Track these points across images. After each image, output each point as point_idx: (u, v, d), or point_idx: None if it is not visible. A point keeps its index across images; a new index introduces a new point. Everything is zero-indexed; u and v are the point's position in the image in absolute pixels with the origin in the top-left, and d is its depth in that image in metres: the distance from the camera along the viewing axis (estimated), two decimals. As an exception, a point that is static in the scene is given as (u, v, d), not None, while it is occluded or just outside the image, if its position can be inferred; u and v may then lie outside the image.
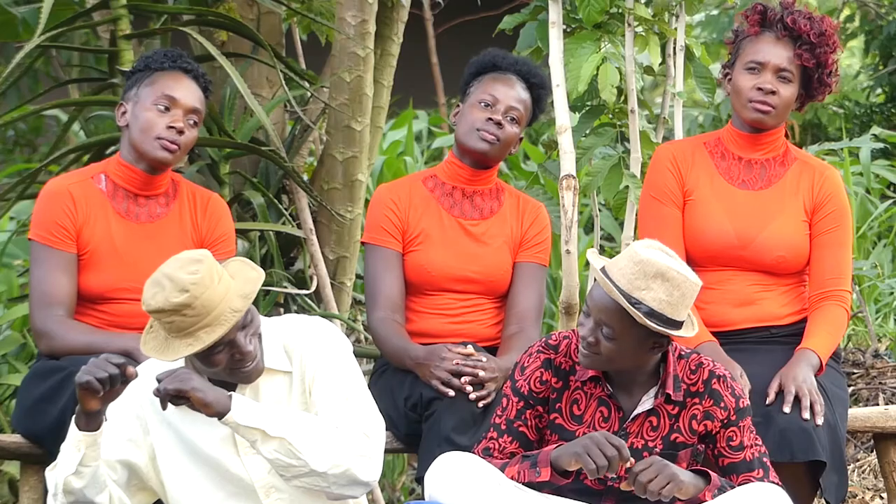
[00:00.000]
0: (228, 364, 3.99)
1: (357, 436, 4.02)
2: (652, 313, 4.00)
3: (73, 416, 3.96)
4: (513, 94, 4.91)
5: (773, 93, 4.74)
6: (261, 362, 4.05)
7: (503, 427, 4.21)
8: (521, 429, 4.19)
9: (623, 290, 4.00)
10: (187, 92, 4.75)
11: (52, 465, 4.03)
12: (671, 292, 4.01)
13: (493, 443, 4.20)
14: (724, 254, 4.76)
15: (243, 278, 3.97)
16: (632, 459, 3.98)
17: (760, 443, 4.23)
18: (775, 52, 4.76)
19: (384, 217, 4.92)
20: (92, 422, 3.94)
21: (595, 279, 4.09)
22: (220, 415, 3.91)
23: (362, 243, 5.05)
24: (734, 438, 4.17)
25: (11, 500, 5.52)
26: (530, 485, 4.07)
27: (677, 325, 4.04)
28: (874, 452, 5.89)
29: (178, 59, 4.80)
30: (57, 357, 4.67)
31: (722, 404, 4.17)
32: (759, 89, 4.74)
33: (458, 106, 5.00)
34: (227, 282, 3.94)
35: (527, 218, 4.99)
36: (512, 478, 4.08)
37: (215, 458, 4.11)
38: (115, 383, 3.88)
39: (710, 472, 4.09)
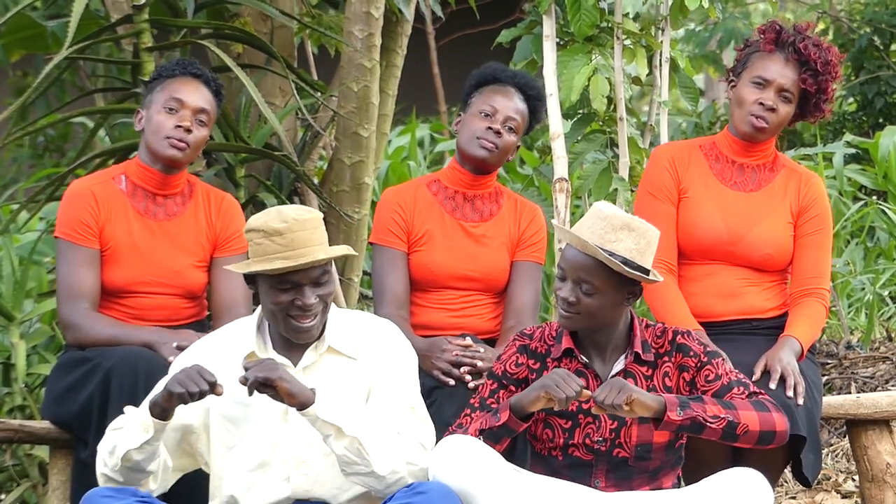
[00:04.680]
0: (286, 308, 4.00)
1: (414, 445, 4.04)
2: (626, 262, 4.07)
3: (149, 403, 3.95)
4: (511, 105, 4.90)
5: (773, 110, 4.74)
6: (316, 330, 4.06)
7: (476, 405, 4.22)
8: (493, 406, 4.18)
9: (597, 245, 4.05)
10: (195, 94, 4.77)
11: (116, 426, 4.02)
12: (638, 241, 4.09)
13: (466, 419, 4.20)
14: (714, 248, 4.78)
15: (338, 249, 4.03)
16: (587, 392, 4.02)
17: (737, 372, 4.26)
18: (783, 72, 4.76)
19: (391, 219, 4.91)
20: (166, 414, 3.95)
21: (566, 242, 4.13)
22: (303, 406, 3.91)
23: (370, 243, 5.05)
24: (710, 374, 4.19)
25: (41, 481, 5.52)
26: (491, 434, 4.07)
27: (647, 272, 4.11)
28: (846, 438, 5.89)
29: (189, 66, 4.83)
30: (83, 348, 4.67)
31: (691, 353, 4.21)
32: (761, 104, 4.74)
33: (459, 115, 5.00)
34: (323, 240, 4.01)
35: (524, 220, 4.99)
36: (473, 434, 4.08)
37: (265, 424, 4.09)
38: (203, 397, 3.91)
39: (666, 395, 4.11)
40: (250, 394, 3.90)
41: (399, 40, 6.57)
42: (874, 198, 8.96)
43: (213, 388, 3.89)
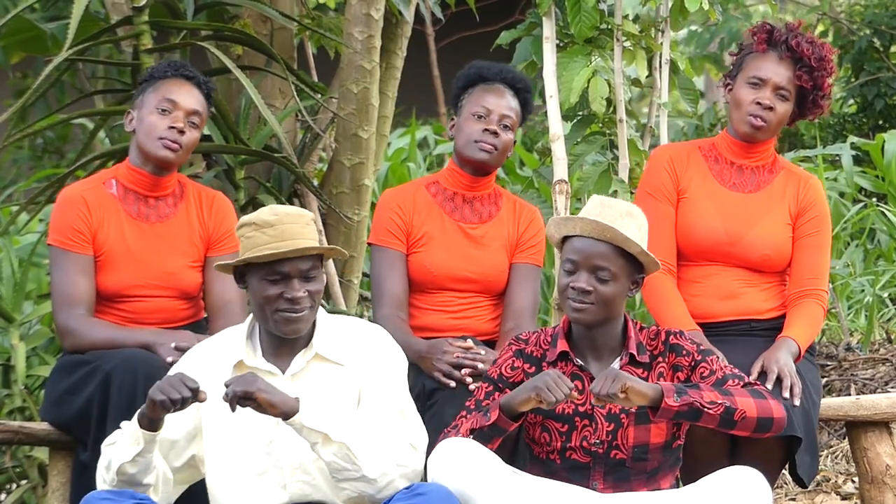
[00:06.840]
0: (275, 302, 4.01)
1: (404, 447, 4.06)
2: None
3: (137, 415, 3.95)
4: (503, 102, 4.92)
5: (771, 108, 4.77)
6: (305, 326, 4.07)
7: (472, 407, 4.23)
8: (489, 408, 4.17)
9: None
10: (188, 96, 4.78)
11: (110, 442, 4.03)
12: (640, 226, 4.17)
13: (462, 420, 4.20)
14: (713, 249, 4.80)
15: (327, 246, 4.12)
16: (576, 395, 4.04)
17: (732, 367, 4.27)
18: (777, 70, 4.78)
19: (389, 220, 4.93)
20: (154, 425, 3.95)
21: (577, 232, 4.14)
22: (287, 416, 3.92)
23: (369, 244, 5.06)
24: (705, 370, 4.21)
25: (41, 483, 5.52)
26: (482, 434, 4.08)
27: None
28: (846, 439, 5.90)
29: (181, 67, 4.84)
30: (81, 353, 4.67)
31: (684, 352, 4.23)
32: (758, 104, 4.77)
33: (452, 119, 5.01)
34: (314, 237, 4.05)
35: (522, 222, 5.01)
36: (464, 434, 4.09)
37: (259, 432, 4.09)
38: (186, 405, 3.89)
39: (661, 382, 4.12)
40: (233, 409, 3.91)
41: (399, 42, 6.59)
42: (874, 200, 8.97)
43: (196, 394, 3.89)
